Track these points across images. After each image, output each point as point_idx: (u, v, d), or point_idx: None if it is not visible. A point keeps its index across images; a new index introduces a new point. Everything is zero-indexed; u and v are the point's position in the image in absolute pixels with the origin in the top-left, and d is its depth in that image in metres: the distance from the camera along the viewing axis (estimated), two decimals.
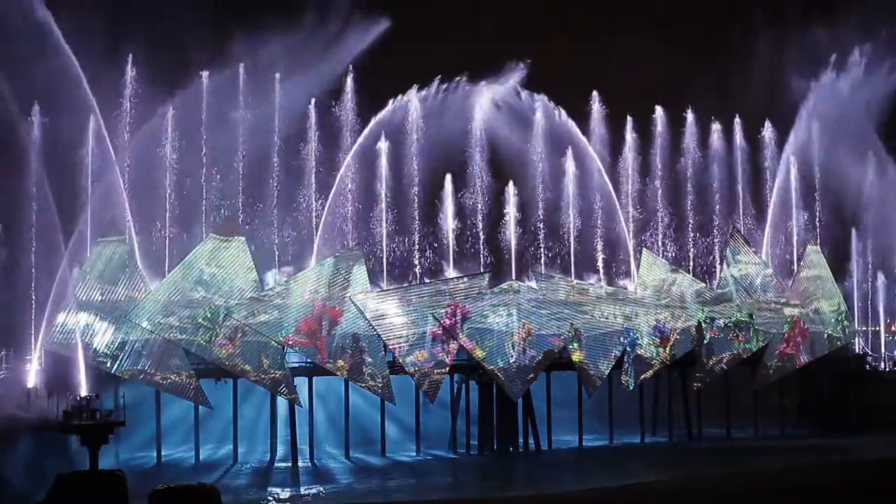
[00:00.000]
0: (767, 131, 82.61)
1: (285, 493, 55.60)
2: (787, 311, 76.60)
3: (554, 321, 69.83)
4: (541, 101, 75.10)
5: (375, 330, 65.76)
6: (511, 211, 73.23)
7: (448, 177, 72.04)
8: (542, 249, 75.08)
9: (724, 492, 51.79)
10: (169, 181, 65.91)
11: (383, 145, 70.69)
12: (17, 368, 58.60)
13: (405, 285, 69.34)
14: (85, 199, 63.97)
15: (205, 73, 66.78)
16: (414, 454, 67.56)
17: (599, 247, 76.38)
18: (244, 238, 64.58)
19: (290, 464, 63.67)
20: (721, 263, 77.75)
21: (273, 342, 63.55)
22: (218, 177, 67.35)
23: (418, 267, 71.31)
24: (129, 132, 65.34)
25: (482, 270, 71.26)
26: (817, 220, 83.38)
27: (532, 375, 68.76)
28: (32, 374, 57.99)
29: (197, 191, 67.13)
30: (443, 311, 67.01)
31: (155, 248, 64.91)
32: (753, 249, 77.58)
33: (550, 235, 75.33)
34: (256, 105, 68.19)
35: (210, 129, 67.13)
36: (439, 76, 72.82)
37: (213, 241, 63.82)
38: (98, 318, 60.75)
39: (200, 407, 62.85)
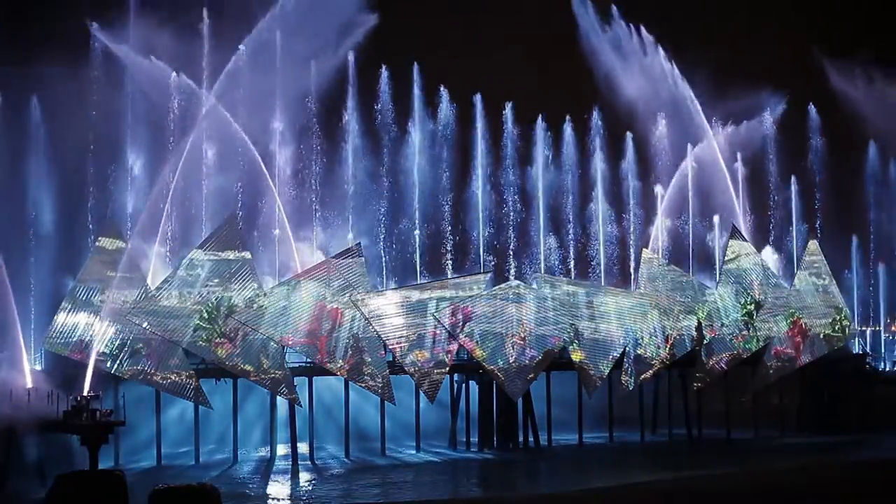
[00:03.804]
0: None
1: (285, 493, 55.63)
2: (787, 310, 76.53)
3: (554, 321, 69.81)
4: None
5: (375, 330, 65.73)
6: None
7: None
8: (541, 249, 75.37)
9: (724, 492, 51.80)
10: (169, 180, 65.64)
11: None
12: (13, 369, 58.45)
13: (405, 285, 69.43)
14: (85, 198, 64.13)
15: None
16: (414, 452, 67.58)
17: (600, 247, 76.84)
18: (243, 237, 64.54)
19: (289, 463, 63.67)
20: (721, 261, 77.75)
21: (274, 342, 63.52)
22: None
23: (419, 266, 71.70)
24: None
25: (483, 270, 71.36)
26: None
27: (532, 375, 68.75)
28: (28, 373, 57.90)
29: (197, 190, 67.12)
30: (443, 311, 67.01)
31: (155, 249, 64.59)
32: (753, 249, 77.52)
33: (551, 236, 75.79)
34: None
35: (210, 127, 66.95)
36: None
37: (212, 240, 63.71)
38: (98, 318, 60.67)
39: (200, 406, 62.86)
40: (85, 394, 53.74)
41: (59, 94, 62.38)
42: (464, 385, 70.30)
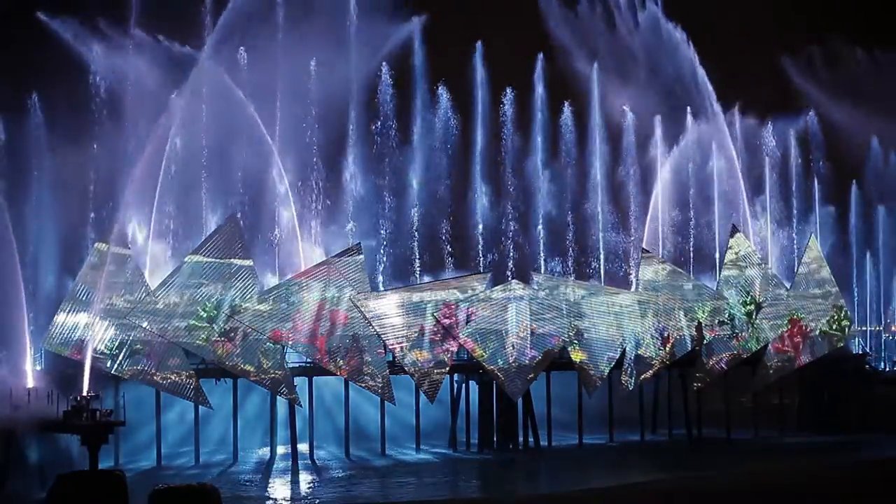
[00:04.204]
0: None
1: (285, 493, 55.64)
2: (787, 310, 76.57)
3: (554, 321, 69.80)
4: None
5: (375, 330, 65.73)
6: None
7: None
8: (541, 249, 75.41)
9: (724, 492, 51.80)
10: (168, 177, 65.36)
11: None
12: (14, 369, 58.52)
13: (405, 285, 69.40)
14: (86, 198, 64.05)
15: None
16: (414, 452, 67.59)
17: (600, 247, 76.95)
18: (244, 237, 64.47)
19: (289, 463, 63.66)
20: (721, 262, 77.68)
21: (273, 342, 63.51)
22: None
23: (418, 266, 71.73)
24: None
25: (483, 270, 71.33)
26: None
27: (532, 375, 68.76)
28: (31, 374, 57.92)
29: (197, 190, 66.97)
30: (442, 310, 67.02)
31: (156, 249, 64.54)
32: (754, 248, 77.53)
33: (551, 235, 75.73)
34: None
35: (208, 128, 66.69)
36: None
37: (213, 240, 63.66)
38: (98, 318, 60.62)
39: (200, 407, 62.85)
40: (84, 394, 53.64)
41: (60, 92, 62.35)
42: (464, 385, 70.30)
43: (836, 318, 78.32)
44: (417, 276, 71.63)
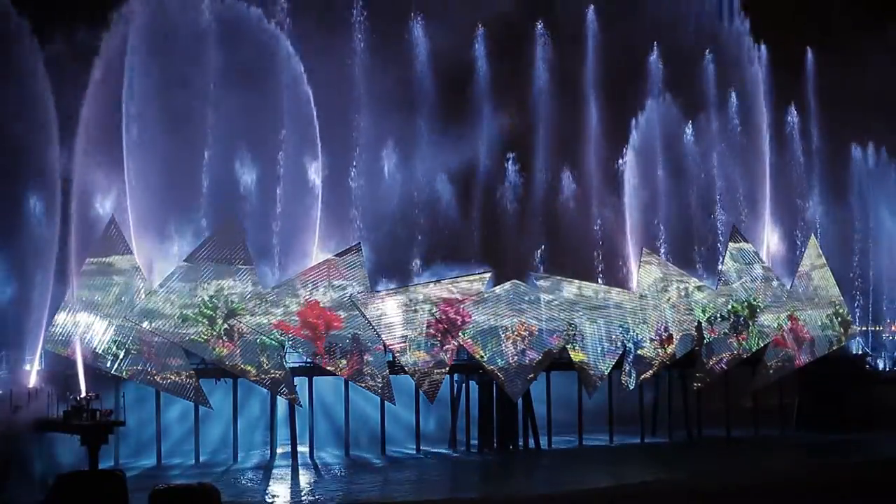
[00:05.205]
0: None
1: (285, 493, 55.65)
2: (787, 309, 76.64)
3: (554, 321, 69.84)
4: None
5: (375, 330, 65.74)
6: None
7: None
8: (542, 248, 75.44)
9: (724, 492, 51.84)
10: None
11: None
12: (15, 369, 58.49)
13: (405, 285, 69.39)
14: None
15: None
16: (414, 453, 67.60)
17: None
18: (244, 236, 64.43)
19: (289, 463, 63.68)
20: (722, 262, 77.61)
21: (273, 341, 63.50)
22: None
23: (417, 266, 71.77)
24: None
25: (482, 270, 71.29)
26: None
27: (532, 375, 68.80)
28: (33, 374, 57.94)
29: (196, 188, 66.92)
30: (442, 311, 67.01)
31: (157, 248, 64.45)
32: (755, 249, 77.54)
33: (551, 235, 75.76)
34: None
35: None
36: None
37: (213, 241, 63.66)
38: (98, 317, 60.61)
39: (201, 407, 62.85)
40: (84, 394, 53.66)
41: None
42: (464, 385, 70.32)
43: (836, 317, 78.42)
44: (415, 275, 71.53)
